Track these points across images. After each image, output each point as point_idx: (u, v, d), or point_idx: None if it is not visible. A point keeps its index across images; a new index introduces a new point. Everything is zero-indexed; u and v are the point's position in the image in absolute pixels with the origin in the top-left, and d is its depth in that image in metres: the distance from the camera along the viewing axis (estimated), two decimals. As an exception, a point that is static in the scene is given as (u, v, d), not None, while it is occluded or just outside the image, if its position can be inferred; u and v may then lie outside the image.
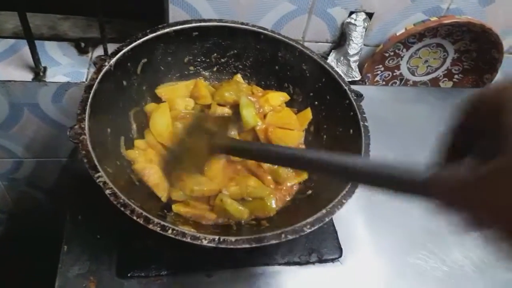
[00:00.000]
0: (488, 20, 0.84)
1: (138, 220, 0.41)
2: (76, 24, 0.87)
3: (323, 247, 0.56)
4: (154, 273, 0.51)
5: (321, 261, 0.55)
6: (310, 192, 0.56)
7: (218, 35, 0.64)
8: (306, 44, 0.84)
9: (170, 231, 0.41)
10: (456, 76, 0.95)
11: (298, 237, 0.44)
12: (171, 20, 0.75)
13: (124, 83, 0.58)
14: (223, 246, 0.41)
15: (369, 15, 0.81)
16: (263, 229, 0.49)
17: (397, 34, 0.82)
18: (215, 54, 0.67)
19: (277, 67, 0.66)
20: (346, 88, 0.57)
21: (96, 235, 0.53)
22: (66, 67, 0.79)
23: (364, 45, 0.84)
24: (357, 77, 0.84)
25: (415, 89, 0.91)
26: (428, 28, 0.81)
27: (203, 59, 0.67)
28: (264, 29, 0.64)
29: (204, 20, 0.63)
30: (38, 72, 0.77)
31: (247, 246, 0.41)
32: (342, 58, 0.83)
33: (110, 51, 0.76)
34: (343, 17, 0.81)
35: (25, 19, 0.69)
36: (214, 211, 0.52)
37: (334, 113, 0.59)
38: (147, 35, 0.59)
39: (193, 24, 0.62)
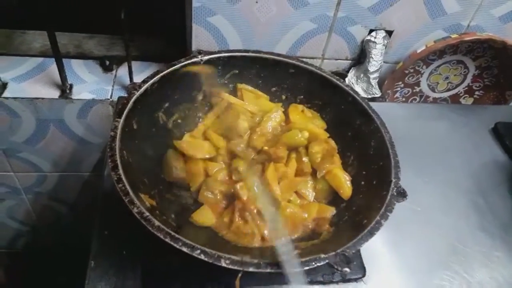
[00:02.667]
0: (510, 37, 0.84)
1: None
2: (101, 42, 0.90)
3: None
4: (179, 289, 0.51)
5: (345, 280, 0.55)
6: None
7: (311, 80, 0.66)
8: (325, 61, 0.85)
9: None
10: (477, 93, 0.95)
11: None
12: (193, 39, 0.77)
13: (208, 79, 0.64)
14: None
15: (389, 33, 0.81)
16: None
17: (418, 51, 0.82)
18: (302, 96, 0.69)
19: (349, 133, 0.65)
20: (393, 181, 0.54)
21: (122, 251, 0.53)
22: (91, 85, 0.82)
23: (384, 62, 0.85)
24: (377, 94, 0.84)
25: (436, 106, 0.90)
26: (448, 45, 0.81)
27: (289, 96, 0.69)
28: (355, 92, 0.64)
29: (304, 62, 0.66)
30: (65, 89, 0.79)
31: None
32: (362, 75, 0.84)
33: (134, 69, 0.80)
34: (363, 35, 0.81)
35: (54, 38, 0.72)
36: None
37: (369, 199, 0.56)
38: (248, 52, 0.65)
39: (293, 61, 0.65)
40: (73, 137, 0.87)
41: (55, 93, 0.79)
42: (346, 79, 0.86)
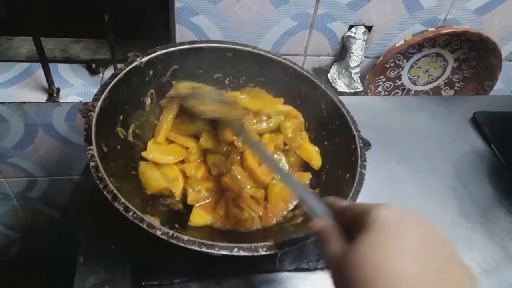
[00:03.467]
0: (485, 29, 0.86)
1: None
2: (87, 46, 0.91)
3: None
4: (167, 281, 0.52)
5: (329, 266, 0.57)
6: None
7: (250, 60, 0.67)
8: (308, 58, 0.87)
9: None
10: (457, 84, 0.97)
11: (307, 244, 0.46)
12: (177, 39, 0.78)
13: (150, 81, 0.62)
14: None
15: (369, 28, 0.83)
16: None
17: (397, 45, 0.84)
18: (244, 77, 0.70)
19: (298, 101, 0.68)
20: (356, 134, 0.59)
21: (111, 246, 0.55)
22: (79, 88, 0.83)
23: (365, 57, 0.87)
24: (359, 88, 0.86)
25: (417, 98, 0.93)
26: (426, 38, 0.83)
27: (232, 79, 0.70)
28: (295, 64, 0.67)
29: (240, 44, 0.66)
30: (52, 93, 0.80)
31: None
32: (344, 70, 0.86)
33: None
34: (343, 31, 0.83)
35: (40, 43, 0.73)
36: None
37: (339, 155, 0.61)
38: (184, 44, 0.63)
39: (229, 45, 0.66)
40: (62, 141, 0.88)
41: (42, 97, 0.80)
42: (329, 75, 0.87)
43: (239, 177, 0.57)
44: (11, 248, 1.17)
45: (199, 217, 0.54)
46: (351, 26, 0.83)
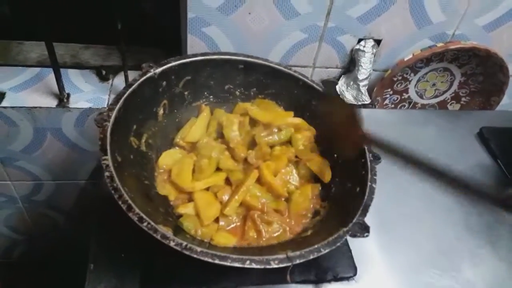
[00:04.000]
0: (493, 45, 0.87)
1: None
2: (97, 52, 0.92)
3: (338, 265, 0.58)
4: (176, 289, 0.53)
5: (337, 279, 0.57)
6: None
7: (261, 73, 0.68)
8: (316, 70, 0.88)
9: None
10: (463, 99, 0.98)
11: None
12: (189, 49, 0.79)
13: (163, 92, 0.63)
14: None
15: (377, 42, 0.84)
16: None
17: (405, 59, 0.85)
18: (254, 89, 0.70)
19: (308, 113, 0.68)
20: (366, 147, 0.59)
21: (121, 253, 0.55)
22: (88, 94, 0.83)
23: (373, 70, 0.87)
24: (367, 100, 0.87)
25: (423, 112, 0.93)
26: (434, 53, 0.84)
27: (242, 91, 0.70)
28: (305, 76, 0.67)
29: (252, 57, 0.67)
30: (62, 98, 0.81)
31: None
32: (352, 82, 0.87)
33: (130, 78, 0.81)
34: (352, 44, 0.84)
35: (52, 49, 0.74)
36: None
37: (348, 168, 0.61)
38: (197, 56, 0.64)
39: (241, 58, 0.66)
40: (70, 146, 0.88)
41: (52, 102, 0.81)
42: (337, 87, 0.88)
43: (258, 193, 0.57)
44: (14, 250, 1.17)
45: (223, 238, 0.54)
46: (360, 40, 0.84)
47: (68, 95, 0.82)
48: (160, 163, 0.60)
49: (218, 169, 0.61)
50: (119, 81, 0.87)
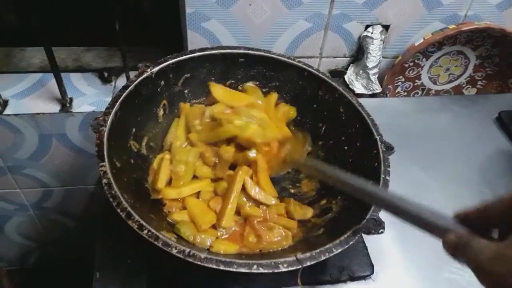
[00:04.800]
0: (508, 24, 0.82)
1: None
2: (99, 54, 0.91)
3: (354, 264, 0.55)
4: (184, 297, 0.51)
5: (353, 278, 0.54)
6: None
7: (263, 65, 0.65)
8: (323, 60, 0.84)
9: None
10: (479, 83, 0.93)
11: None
12: (189, 45, 0.77)
13: (162, 91, 0.60)
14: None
15: (386, 27, 0.80)
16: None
17: (416, 44, 0.81)
18: (257, 83, 0.67)
19: (315, 105, 0.66)
20: (378, 138, 0.56)
21: (127, 260, 0.53)
22: (91, 97, 0.82)
23: (383, 57, 0.84)
24: (378, 89, 0.84)
25: (438, 98, 0.89)
26: (446, 36, 0.80)
27: (245, 85, 0.68)
28: (310, 66, 0.65)
29: (252, 49, 0.64)
30: (65, 103, 0.80)
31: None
32: (361, 71, 0.83)
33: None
34: (360, 31, 0.81)
35: (51, 54, 0.72)
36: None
37: (360, 161, 0.58)
38: (194, 52, 0.61)
39: (241, 51, 0.64)
40: (76, 150, 0.87)
41: (55, 108, 0.80)
42: (346, 76, 0.85)
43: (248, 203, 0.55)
44: (28, 257, 1.18)
45: (223, 245, 0.51)
46: (367, 26, 0.80)
47: (71, 99, 0.81)
48: (152, 167, 0.57)
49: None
50: (122, 83, 0.84)
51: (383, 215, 0.48)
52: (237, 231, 0.52)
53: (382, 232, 0.46)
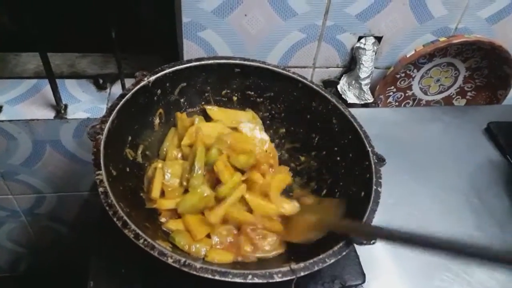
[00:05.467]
0: (498, 37, 0.85)
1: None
2: (94, 61, 0.91)
3: (345, 273, 0.56)
4: (179, 306, 0.51)
5: (345, 287, 0.55)
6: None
7: (258, 76, 0.66)
8: (317, 70, 0.86)
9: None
10: (469, 94, 0.95)
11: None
12: (185, 54, 0.77)
13: (158, 100, 0.61)
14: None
15: (378, 39, 0.82)
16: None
17: (407, 55, 0.83)
18: (252, 93, 0.68)
19: (308, 116, 0.66)
20: (370, 149, 0.57)
21: (121, 269, 0.53)
22: (86, 104, 0.82)
23: (375, 68, 0.85)
24: (370, 99, 0.85)
25: (428, 109, 0.91)
26: (437, 48, 0.82)
27: (240, 95, 0.68)
28: (304, 78, 0.66)
29: (248, 60, 0.65)
30: (60, 109, 0.80)
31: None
32: (353, 81, 0.85)
33: (127, 85, 0.80)
34: (352, 42, 0.82)
35: (47, 60, 0.72)
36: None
37: (352, 172, 0.59)
38: (191, 62, 0.62)
39: (237, 61, 0.64)
40: (70, 157, 0.87)
41: (50, 114, 0.80)
42: (338, 87, 0.86)
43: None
44: (20, 264, 1.17)
45: (218, 254, 0.51)
46: (360, 37, 0.82)
47: (66, 106, 0.81)
48: (146, 176, 0.58)
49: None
50: (116, 90, 0.85)
51: (375, 223, 0.49)
52: (231, 242, 0.53)
53: (374, 243, 0.47)
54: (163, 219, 0.54)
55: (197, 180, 0.54)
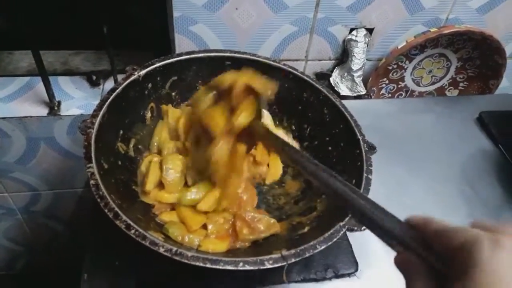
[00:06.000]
0: (488, 27, 0.85)
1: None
2: (87, 58, 0.91)
3: (338, 262, 0.57)
4: (173, 296, 0.52)
5: (338, 276, 0.56)
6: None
7: (250, 68, 0.66)
8: (309, 63, 0.86)
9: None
10: (461, 84, 0.96)
11: (314, 253, 0.45)
12: (177, 49, 0.78)
13: (149, 94, 0.61)
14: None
15: (370, 31, 0.82)
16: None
17: (399, 47, 0.83)
18: None
19: (300, 107, 0.67)
20: (360, 138, 0.58)
21: (115, 262, 0.54)
22: (79, 100, 0.82)
23: (367, 59, 0.86)
24: (362, 91, 0.85)
25: (421, 100, 0.92)
26: (428, 39, 0.82)
27: None
28: (295, 69, 0.66)
29: (238, 52, 0.66)
30: (53, 106, 0.80)
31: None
32: (346, 74, 0.85)
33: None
34: (344, 35, 0.82)
35: (39, 57, 0.73)
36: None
37: (344, 161, 0.59)
38: (181, 55, 0.62)
39: (227, 54, 0.65)
40: (64, 154, 0.87)
41: (43, 111, 0.80)
42: (331, 79, 0.86)
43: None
44: (16, 262, 1.17)
45: (212, 244, 0.51)
46: (352, 29, 0.82)
47: (59, 102, 0.81)
48: (140, 170, 0.58)
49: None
50: (110, 86, 0.83)
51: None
52: (227, 229, 0.53)
53: (364, 229, 0.47)
54: (156, 211, 0.54)
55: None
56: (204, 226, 0.53)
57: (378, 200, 0.52)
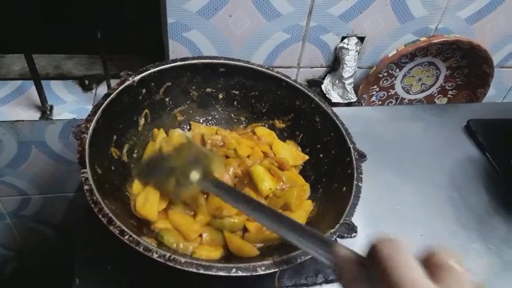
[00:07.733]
0: (476, 37, 0.87)
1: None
2: (80, 62, 0.91)
3: (328, 267, 0.57)
4: (165, 302, 0.52)
5: (328, 281, 0.56)
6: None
7: (243, 75, 0.67)
8: (301, 70, 0.87)
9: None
10: (450, 92, 0.98)
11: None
12: (171, 55, 0.78)
13: (143, 99, 0.62)
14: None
15: (361, 39, 0.84)
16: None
17: (389, 55, 0.85)
18: (237, 92, 0.69)
19: (292, 114, 0.68)
20: (351, 146, 0.59)
21: (107, 266, 0.54)
22: (72, 104, 0.82)
23: (358, 67, 0.87)
24: (353, 98, 0.87)
25: (411, 107, 0.93)
26: (418, 48, 0.84)
27: (225, 94, 0.69)
28: (287, 77, 0.67)
29: (232, 59, 0.66)
30: (45, 111, 0.80)
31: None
32: (337, 81, 0.86)
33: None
34: (336, 43, 0.84)
35: (32, 61, 0.72)
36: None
37: (335, 168, 0.60)
38: (176, 62, 0.63)
39: (221, 61, 0.66)
40: (55, 158, 0.87)
41: (35, 115, 0.80)
42: (322, 86, 0.88)
43: None
44: (5, 267, 1.16)
45: (206, 251, 0.52)
46: (343, 38, 0.83)
47: (51, 107, 0.81)
48: (133, 190, 0.56)
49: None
50: (102, 91, 0.85)
51: (356, 219, 0.51)
52: (221, 239, 0.54)
53: (354, 236, 0.48)
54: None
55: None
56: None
57: (368, 205, 0.53)
